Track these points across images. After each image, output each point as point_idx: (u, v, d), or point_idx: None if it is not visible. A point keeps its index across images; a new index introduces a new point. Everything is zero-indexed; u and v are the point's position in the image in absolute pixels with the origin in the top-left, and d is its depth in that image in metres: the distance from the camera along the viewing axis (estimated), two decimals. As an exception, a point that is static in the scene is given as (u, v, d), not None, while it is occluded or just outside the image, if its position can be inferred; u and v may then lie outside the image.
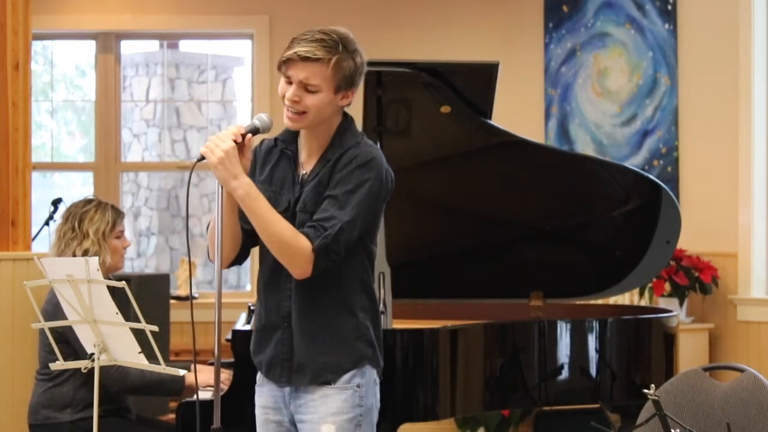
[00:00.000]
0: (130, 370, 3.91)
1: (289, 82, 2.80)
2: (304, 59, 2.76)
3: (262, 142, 2.97)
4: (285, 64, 2.79)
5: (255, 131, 2.80)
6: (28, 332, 4.52)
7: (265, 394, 2.94)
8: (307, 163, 2.89)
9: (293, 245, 2.74)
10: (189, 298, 7.48)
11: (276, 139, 2.94)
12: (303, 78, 2.77)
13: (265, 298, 2.91)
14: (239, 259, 2.96)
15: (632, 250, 4.82)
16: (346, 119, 2.90)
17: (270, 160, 2.93)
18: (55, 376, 4.01)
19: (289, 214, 2.84)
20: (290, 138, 2.92)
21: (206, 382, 4.01)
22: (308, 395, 2.85)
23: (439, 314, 4.62)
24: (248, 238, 2.89)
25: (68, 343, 3.75)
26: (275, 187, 2.89)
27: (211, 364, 4.32)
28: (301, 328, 2.84)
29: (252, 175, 2.88)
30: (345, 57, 2.78)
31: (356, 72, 2.81)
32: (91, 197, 4.30)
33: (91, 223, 4.10)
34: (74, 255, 4.02)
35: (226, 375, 4.02)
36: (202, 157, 2.74)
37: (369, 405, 2.87)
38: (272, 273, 2.86)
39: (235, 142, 2.74)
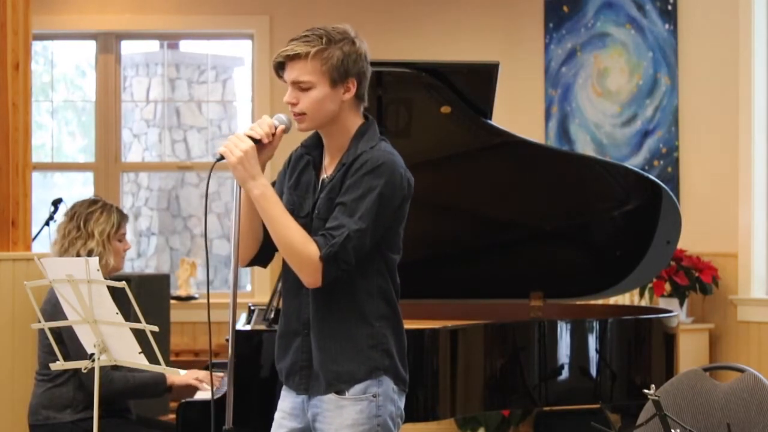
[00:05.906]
0: (114, 375, 3.92)
1: None
2: (289, 58, 2.75)
3: (297, 149, 2.95)
4: (280, 69, 2.79)
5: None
6: (28, 332, 4.51)
7: (286, 398, 2.90)
8: (329, 168, 2.86)
9: (302, 252, 2.71)
10: (189, 298, 7.49)
11: (302, 144, 2.92)
12: (294, 78, 2.76)
13: (286, 304, 2.89)
14: (261, 259, 2.92)
15: (632, 250, 4.82)
16: (367, 121, 2.86)
17: (299, 166, 2.91)
18: (54, 376, 4.01)
19: (308, 219, 2.81)
20: (313, 143, 2.90)
21: (185, 381, 4.03)
22: (324, 404, 2.80)
23: (439, 314, 4.61)
24: (270, 239, 2.83)
25: (65, 343, 3.76)
26: (300, 192, 2.87)
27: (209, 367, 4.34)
28: (318, 335, 2.80)
29: (282, 180, 2.89)
30: (328, 47, 2.74)
31: (346, 60, 2.75)
32: (96, 198, 4.29)
33: (96, 224, 4.10)
34: (78, 255, 4.02)
35: (204, 374, 4.03)
36: (222, 157, 2.73)
37: (388, 415, 2.80)
38: (293, 278, 2.81)
39: (255, 141, 2.74)
